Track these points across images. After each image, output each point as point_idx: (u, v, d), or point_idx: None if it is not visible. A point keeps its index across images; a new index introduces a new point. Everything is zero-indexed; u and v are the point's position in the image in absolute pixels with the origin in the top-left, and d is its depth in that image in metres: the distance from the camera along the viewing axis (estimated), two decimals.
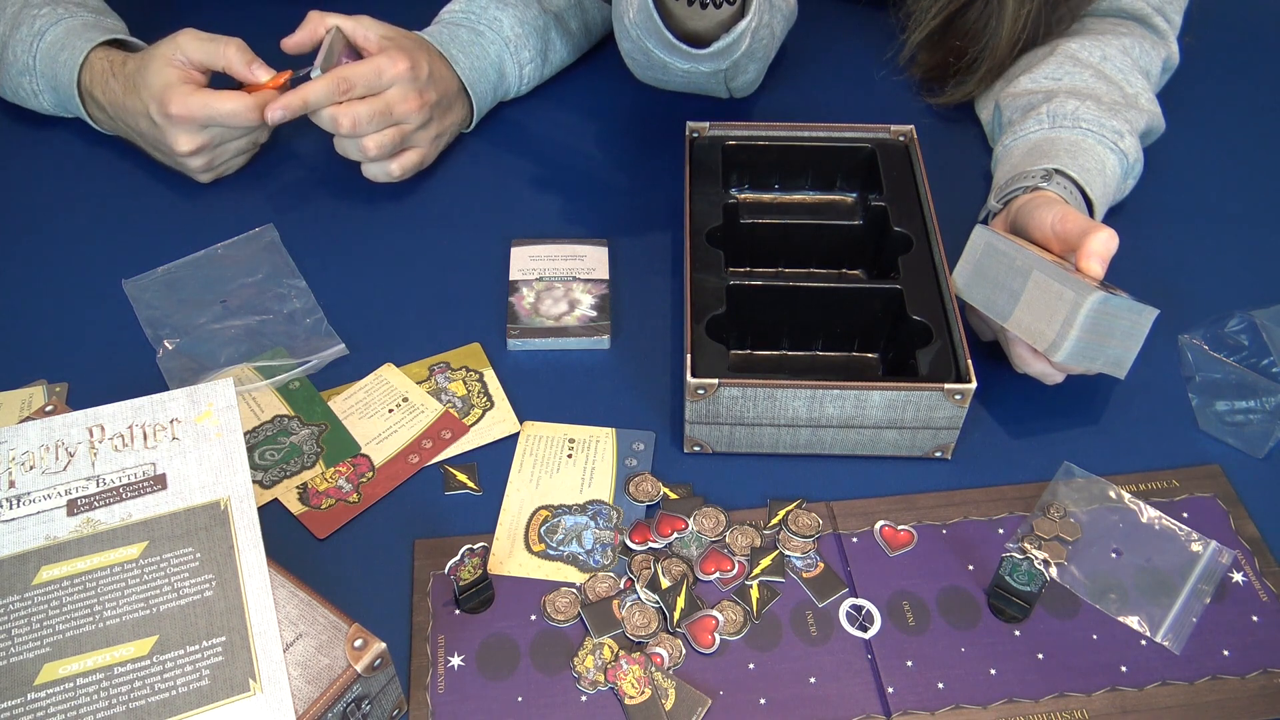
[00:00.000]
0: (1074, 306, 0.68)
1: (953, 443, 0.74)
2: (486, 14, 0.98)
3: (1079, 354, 0.70)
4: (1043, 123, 0.87)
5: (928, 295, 0.76)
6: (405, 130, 0.90)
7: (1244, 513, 0.73)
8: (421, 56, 0.90)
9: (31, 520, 0.61)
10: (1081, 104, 0.87)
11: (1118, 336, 0.71)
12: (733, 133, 0.90)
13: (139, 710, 0.54)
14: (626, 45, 0.88)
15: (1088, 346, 0.70)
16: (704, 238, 0.81)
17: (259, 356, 0.81)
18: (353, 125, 0.86)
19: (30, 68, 0.93)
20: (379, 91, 0.88)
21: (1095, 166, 0.83)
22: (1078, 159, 0.83)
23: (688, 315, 0.75)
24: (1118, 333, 0.71)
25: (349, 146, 0.90)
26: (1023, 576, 0.65)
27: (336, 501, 0.73)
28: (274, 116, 0.85)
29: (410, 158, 0.92)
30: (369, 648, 0.57)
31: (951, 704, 0.64)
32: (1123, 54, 0.92)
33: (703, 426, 0.74)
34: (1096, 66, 0.91)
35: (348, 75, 0.86)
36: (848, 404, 0.71)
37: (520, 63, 1.00)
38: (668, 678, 0.64)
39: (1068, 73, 0.91)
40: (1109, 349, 0.71)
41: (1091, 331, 0.69)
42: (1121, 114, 0.87)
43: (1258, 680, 0.65)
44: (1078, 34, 0.94)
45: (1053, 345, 0.70)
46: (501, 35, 0.98)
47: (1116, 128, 0.86)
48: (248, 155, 0.96)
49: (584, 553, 0.70)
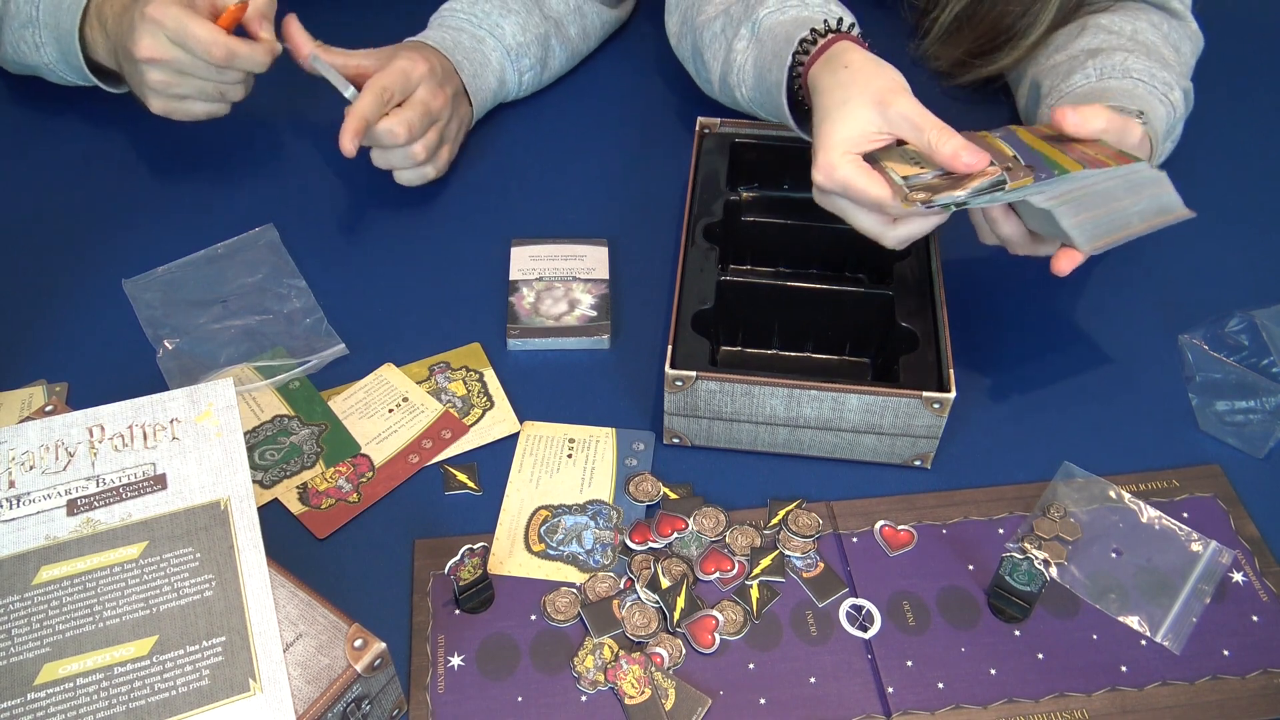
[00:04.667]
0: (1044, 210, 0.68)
1: (932, 452, 0.74)
2: (489, 20, 0.97)
3: (1091, 233, 0.69)
4: (1090, 76, 0.85)
5: (918, 303, 0.76)
6: (440, 127, 0.90)
7: (1244, 513, 0.73)
8: (430, 54, 0.91)
9: (31, 520, 0.61)
10: (1130, 55, 0.85)
11: (1120, 197, 0.70)
12: (743, 130, 0.90)
13: (139, 710, 0.54)
14: (714, 90, 0.94)
15: (1096, 224, 0.69)
16: (701, 232, 0.81)
17: (259, 356, 0.81)
18: (410, 132, 0.86)
19: (33, 19, 0.92)
20: (409, 94, 0.87)
21: (1150, 112, 0.81)
22: (1135, 103, 0.80)
23: (675, 307, 0.75)
24: (1117, 194, 0.70)
25: (395, 157, 0.88)
26: (1023, 576, 0.65)
27: (336, 501, 0.73)
28: (353, 146, 0.83)
29: (444, 155, 0.93)
30: (369, 648, 0.57)
31: (951, 704, 0.64)
32: (1153, 28, 0.91)
33: (681, 419, 0.74)
34: (1131, 35, 0.89)
35: (384, 84, 0.85)
36: (825, 405, 0.71)
37: (520, 70, 1.00)
38: (668, 678, 0.64)
39: (1105, 40, 0.89)
40: (1119, 213, 0.70)
41: (1076, 208, 0.68)
42: (1171, 69, 0.86)
43: (1258, 680, 0.65)
44: (1104, 13, 0.93)
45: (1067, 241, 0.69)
46: (504, 44, 0.98)
47: (1167, 79, 0.84)
48: (214, 107, 0.90)
49: (584, 553, 0.70)
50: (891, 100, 0.70)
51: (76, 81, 0.97)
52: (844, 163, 0.70)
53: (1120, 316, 0.86)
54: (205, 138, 1.00)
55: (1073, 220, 0.68)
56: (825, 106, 0.73)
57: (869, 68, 0.73)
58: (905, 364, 0.73)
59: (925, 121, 0.69)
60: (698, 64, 0.95)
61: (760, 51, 0.84)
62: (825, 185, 0.72)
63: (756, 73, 0.85)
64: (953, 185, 0.68)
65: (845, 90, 0.72)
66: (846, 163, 0.70)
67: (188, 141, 1.00)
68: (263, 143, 1.00)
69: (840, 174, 0.70)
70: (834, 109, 0.72)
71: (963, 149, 0.68)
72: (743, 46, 0.86)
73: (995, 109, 1.02)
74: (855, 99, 0.72)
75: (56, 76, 0.97)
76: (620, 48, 1.12)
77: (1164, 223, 0.72)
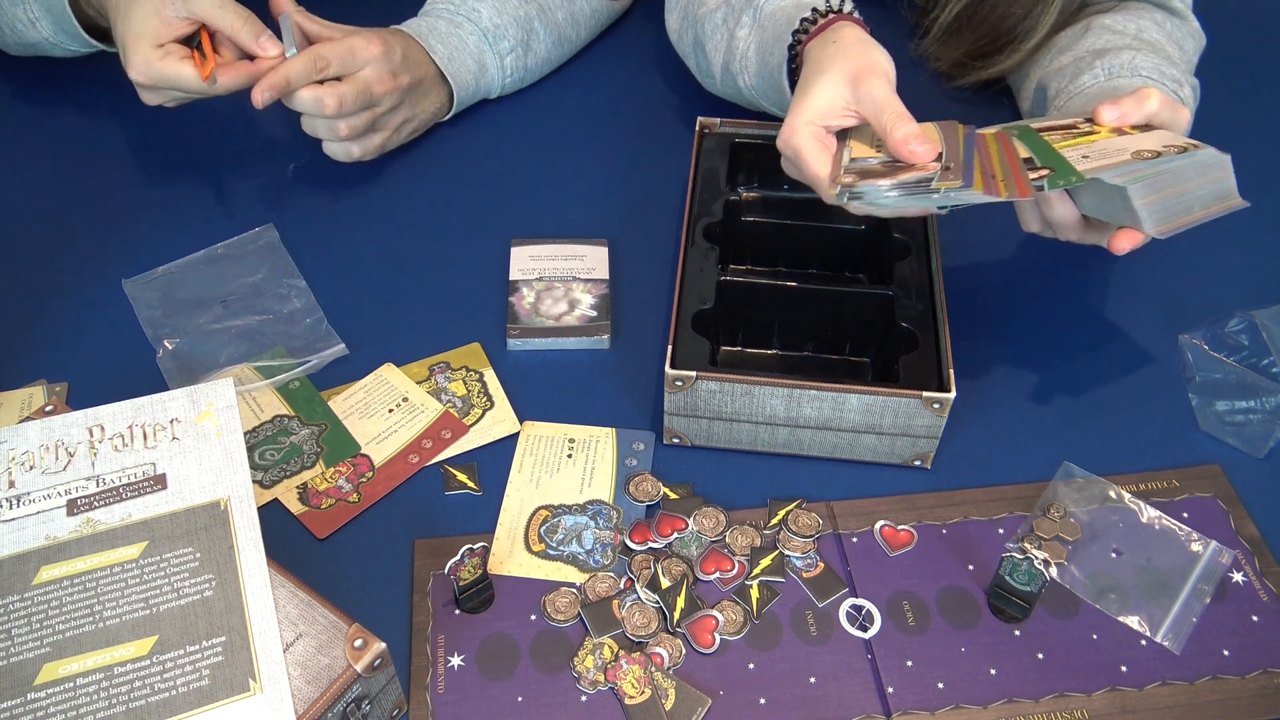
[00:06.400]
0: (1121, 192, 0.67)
1: (932, 452, 0.74)
2: (465, 5, 0.98)
3: (1160, 214, 0.68)
4: (1098, 76, 0.84)
5: (918, 303, 0.76)
6: (377, 113, 0.91)
7: (1244, 513, 0.73)
8: (393, 40, 0.90)
9: (31, 520, 0.61)
10: (1137, 54, 0.85)
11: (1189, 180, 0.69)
12: (743, 130, 0.90)
13: (139, 710, 0.54)
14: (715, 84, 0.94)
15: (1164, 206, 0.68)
16: (701, 232, 0.81)
17: (259, 356, 0.81)
18: (338, 106, 0.86)
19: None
20: (353, 72, 0.87)
21: None
22: None
23: (675, 307, 0.75)
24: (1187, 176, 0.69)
25: (320, 126, 0.89)
26: (1023, 576, 0.65)
27: (336, 501, 0.73)
28: (263, 99, 0.84)
29: (374, 140, 0.93)
30: (369, 648, 0.57)
31: (951, 704, 0.64)
32: (1156, 27, 0.91)
33: (681, 419, 0.74)
34: (1135, 35, 0.89)
35: (324, 53, 0.85)
36: (825, 405, 0.71)
37: (500, 53, 0.99)
38: (668, 678, 0.64)
39: (1110, 40, 0.89)
40: (1185, 195, 0.69)
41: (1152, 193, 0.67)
42: (1177, 65, 0.86)
43: (1258, 680, 0.65)
44: (1106, 14, 0.93)
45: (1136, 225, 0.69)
46: (480, 26, 0.97)
47: (1176, 76, 0.84)
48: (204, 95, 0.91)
49: (584, 553, 0.70)
50: (866, 79, 0.71)
51: (80, 50, 0.98)
52: (803, 131, 0.72)
53: (1120, 316, 0.86)
54: (205, 138, 1.00)
55: (1143, 200, 0.67)
56: (806, 77, 0.75)
57: (856, 46, 0.74)
58: (905, 364, 0.73)
59: (888, 105, 0.70)
60: (699, 57, 0.96)
61: (763, 37, 0.85)
62: (782, 149, 0.74)
63: (759, 58, 0.85)
64: (887, 175, 0.68)
65: (827, 64, 0.73)
66: (805, 132, 0.72)
67: (188, 141, 1.00)
68: (263, 143, 1.00)
69: (795, 140, 0.72)
70: (812, 79, 0.74)
71: (913, 138, 0.69)
72: (745, 34, 0.87)
73: (996, 110, 1.02)
74: (832, 72, 0.72)
75: (60, 50, 0.98)
76: (620, 46, 1.12)
77: (1220, 210, 0.71)
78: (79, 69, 1.02)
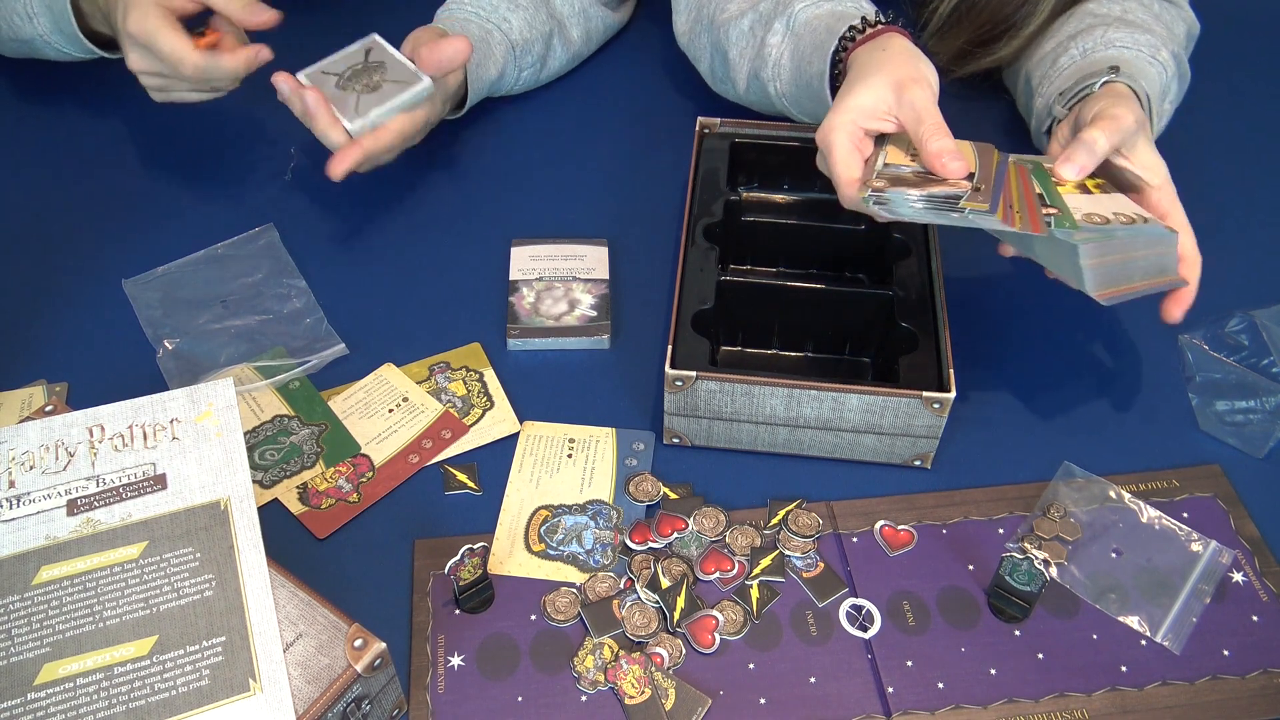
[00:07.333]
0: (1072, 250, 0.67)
1: (932, 452, 0.74)
2: (497, 13, 0.97)
3: (1103, 279, 0.68)
4: (1074, 57, 0.85)
5: (918, 303, 0.76)
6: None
7: (1244, 513, 0.73)
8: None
9: (31, 520, 0.61)
10: (1109, 29, 0.85)
11: (1136, 249, 0.70)
12: (743, 130, 0.90)
13: (139, 710, 0.54)
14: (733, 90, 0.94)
15: (1107, 271, 0.68)
16: (701, 232, 0.81)
17: (259, 356, 0.81)
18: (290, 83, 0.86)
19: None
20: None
21: (1139, 73, 0.81)
22: (1120, 70, 0.81)
23: (675, 308, 0.75)
24: (1135, 244, 0.69)
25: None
26: (1023, 576, 0.65)
27: (336, 501, 0.73)
28: (341, 171, 0.85)
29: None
30: (369, 648, 0.57)
31: (951, 704, 0.64)
32: (1143, 8, 0.90)
33: (681, 419, 0.74)
34: (1119, 16, 0.89)
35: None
36: (825, 405, 0.71)
37: (521, 66, 1.00)
38: (668, 678, 0.64)
39: (1089, 22, 0.89)
40: (1129, 264, 0.70)
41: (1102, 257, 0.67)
42: (1155, 34, 0.86)
43: (1258, 680, 0.65)
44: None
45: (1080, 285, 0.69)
46: (510, 38, 0.97)
47: (1151, 42, 0.84)
48: (208, 96, 0.92)
49: (584, 553, 0.70)
50: (909, 86, 0.71)
51: (74, 53, 0.96)
52: (840, 127, 0.72)
53: (1120, 316, 0.86)
54: (205, 138, 1.00)
55: (1090, 261, 0.67)
56: (851, 79, 0.75)
57: (903, 55, 0.74)
58: (905, 364, 0.73)
59: (928, 115, 0.70)
60: (717, 62, 0.95)
61: (798, 45, 0.85)
62: (819, 142, 0.74)
63: (794, 65, 0.85)
64: (917, 185, 0.68)
65: (875, 68, 0.74)
66: (842, 129, 0.72)
67: (188, 141, 1.00)
68: (263, 143, 1.00)
69: (831, 136, 0.72)
70: (858, 80, 0.74)
71: (947, 152, 0.69)
72: (777, 41, 0.86)
73: (995, 103, 1.02)
74: (879, 75, 0.73)
75: (53, 50, 0.96)
76: (621, 47, 1.12)
77: (1157, 285, 0.72)
78: (79, 69, 1.02)
